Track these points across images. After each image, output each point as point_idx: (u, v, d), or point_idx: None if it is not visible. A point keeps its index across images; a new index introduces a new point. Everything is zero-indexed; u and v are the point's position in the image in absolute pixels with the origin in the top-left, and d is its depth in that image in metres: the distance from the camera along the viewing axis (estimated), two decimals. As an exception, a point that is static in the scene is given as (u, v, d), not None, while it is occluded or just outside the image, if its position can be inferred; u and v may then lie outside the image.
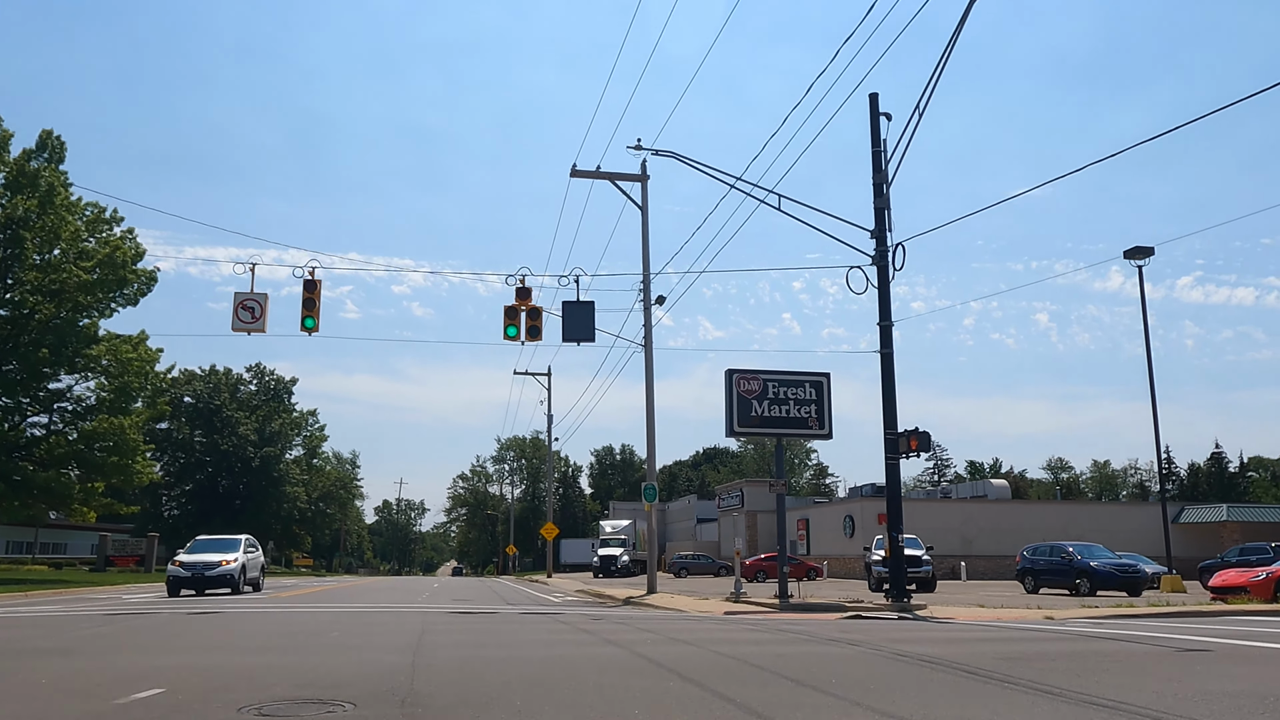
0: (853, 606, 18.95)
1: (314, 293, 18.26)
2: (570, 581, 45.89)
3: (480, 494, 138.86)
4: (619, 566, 60.46)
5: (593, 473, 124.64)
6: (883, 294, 20.08)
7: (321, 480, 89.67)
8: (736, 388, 21.32)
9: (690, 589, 34.55)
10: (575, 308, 19.20)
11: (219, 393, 76.10)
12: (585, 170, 27.06)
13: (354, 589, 33.10)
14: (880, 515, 52.06)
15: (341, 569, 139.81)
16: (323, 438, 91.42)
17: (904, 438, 19.07)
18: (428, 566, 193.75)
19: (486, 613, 16.72)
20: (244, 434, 74.19)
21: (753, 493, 61.66)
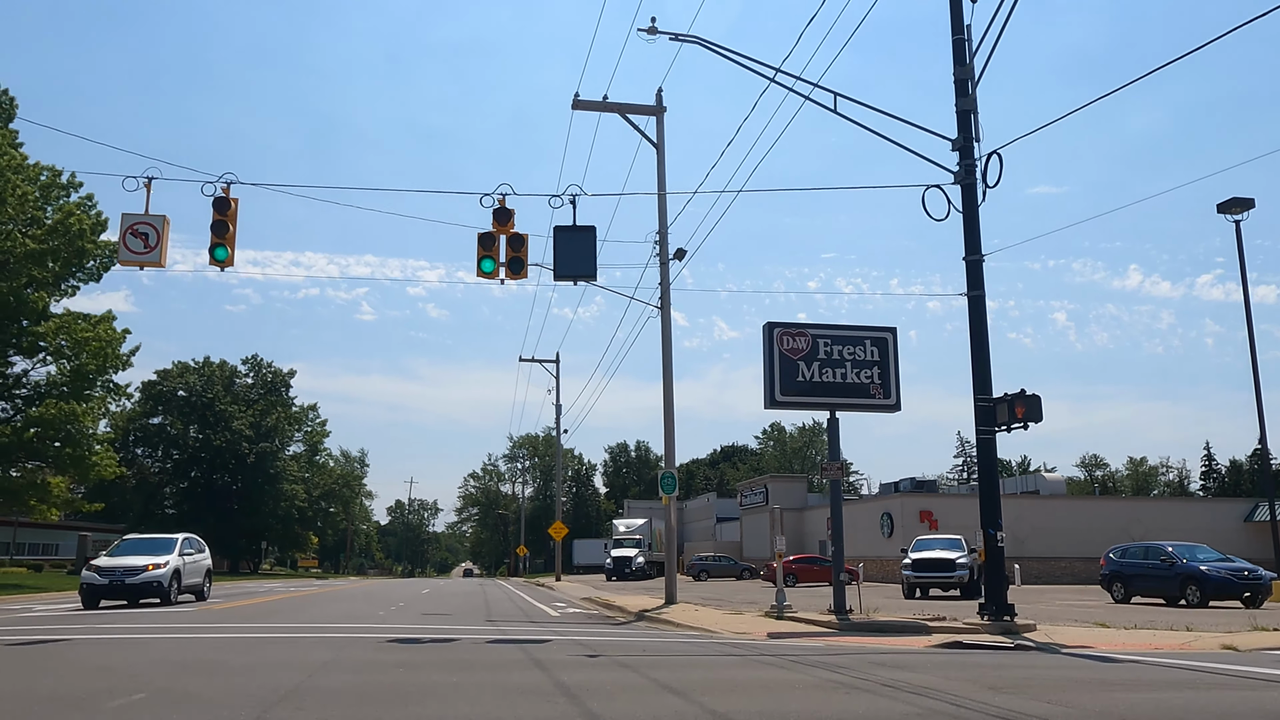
0: (937, 627, 14.35)
1: (227, 215, 13.86)
2: (579, 586, 41.43)
3: (492, 493, 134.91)
4: (633, 568, 55.97)
5: (607, 471, 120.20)
6: (969, 219, 15.49)
7: (323, 478, 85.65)
8: (779, 345, 16.79)
9: (714, 596, 30.00)
10: (571, 235, 14.64)
11: (212, 385, 72.20)
12: (590, 101, 22.56)
13: (324, 596, 28.75)
14: (923, 512, 47.22)
15: (351, 570, 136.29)
16: (324, 434, 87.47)
17: (1004, 404, 14.45)
18: (442, 567, 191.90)
19: (442, 640, 12.23)
20: (238, 428, 70.21)
21: (778, 489, 57.02)
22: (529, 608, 22.78)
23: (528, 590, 37.84)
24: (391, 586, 44.88)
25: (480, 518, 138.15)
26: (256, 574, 77.65)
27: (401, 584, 52.79)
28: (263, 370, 77.85)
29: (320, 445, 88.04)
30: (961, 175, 15.53)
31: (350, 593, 32.32)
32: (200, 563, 22.75)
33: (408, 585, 49.05)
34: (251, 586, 39.37)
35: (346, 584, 49.36)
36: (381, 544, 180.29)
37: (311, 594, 30.80)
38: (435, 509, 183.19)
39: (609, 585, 44.08)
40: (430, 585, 48.25)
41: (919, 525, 43.60)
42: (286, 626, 14.46)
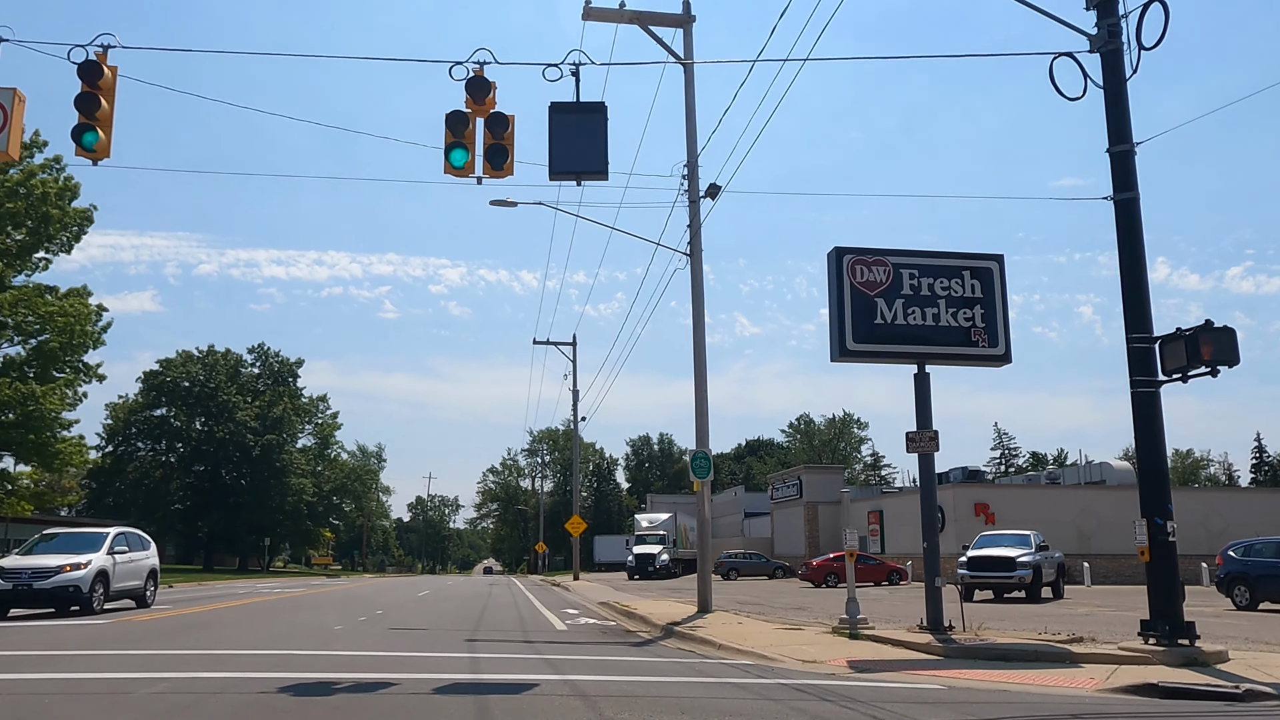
0: (1086, 654, 10.27)
1: (100, 87, 10.01)
2: (597, 587, 37.54)
3: (511, 489, 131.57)
4: (657, 567, 52.04)
5: (629, 464, 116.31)
6: (1114, 97, 11.33)
7: (335, 472, 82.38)
8: (850, 278, 12.73)
9: (751, 599, 26.00)
10: (574, 118, 10.68)
11: (215, 375, 69.01)
12: (604, 9, 18.56)
13: (300, 601, 24.98)
14: (978, 505, 42.80)
15: (371, 568, 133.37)
16: (335, 426, 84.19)
17: (1179, 343, 10.30)
18: (464, 564, 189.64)
19: (371, 687, 8.26)
20: (243, 420, 66.93)
21: (813, 481, 52.85)
22: (532, 617, 18.88)
23: (540, 592, 34.03)
24: (393, 587, 41.38)
25: (500, 514, 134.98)
26: (266, 572, 74.65)
27: (407, 583, 49.31)
28: (269, 360, 74.63)
29: (331, 438, 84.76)
30: (1102, 39, 11.36)
31: (335, 596, 28.56)
32: (140, 563, 19.01)
33: (411, 585, 45.51)
34: (236, 587, 35.78)
35: (347, 584, 45.79)
36: (403, 541, 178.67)
37: (288, 597, 27.05)
38: (456, 505, 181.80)
39: (630, 585, 40.21)
40: (437, 586, 44.62)
41: (973, 520, 39.33)
42: (180, 654, 10.59)
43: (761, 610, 20.14)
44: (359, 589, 36.04)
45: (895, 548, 45.26)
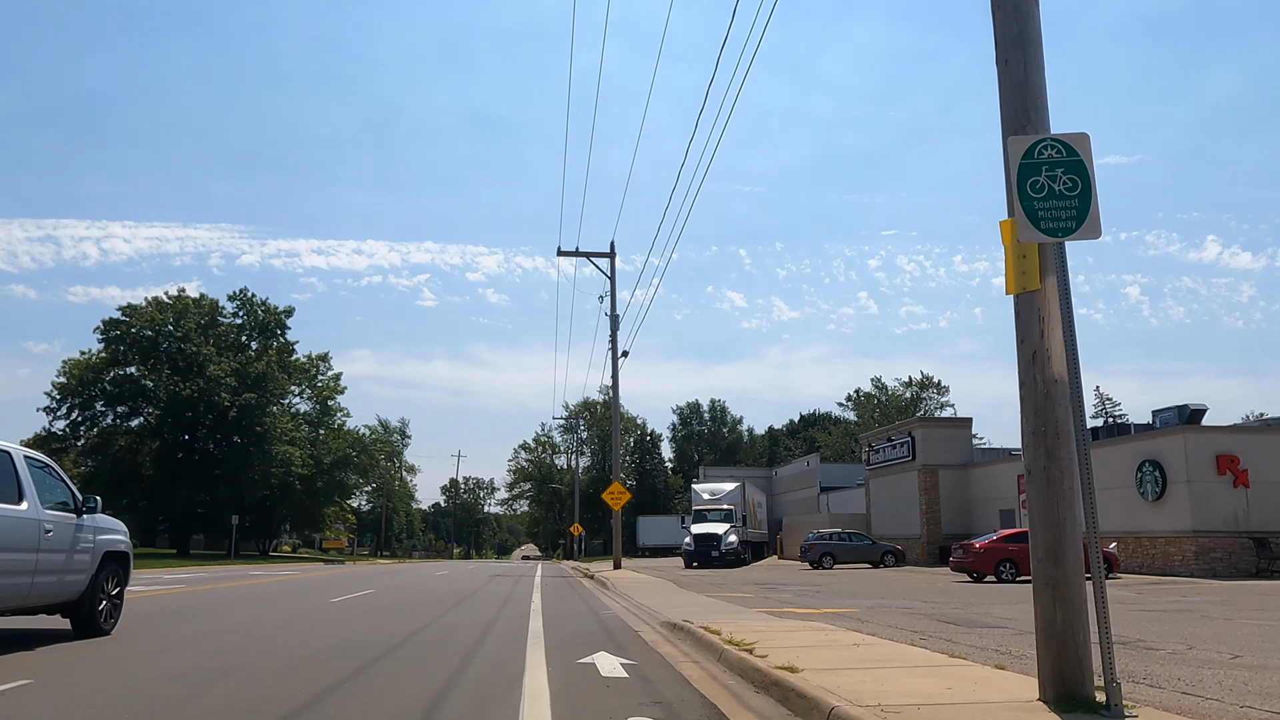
0: None
1: None
2: (648, 580, 25.15)
3: (545, 467, 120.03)
4: (723, 551, 39.67)
5: (675, 435, 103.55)
6: None
7: (338, 442, 70.96)
8: None
9: (900, 603, 13.54)
10: None
11: (184, 323, 57.76)
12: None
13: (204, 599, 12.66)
14: (1221, 458, 27.48)
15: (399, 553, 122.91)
16: (337, 389, 72.75)
17: None
18: (502, 549, 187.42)
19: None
20: (215, 375, 55.57)
21: (932, 439, 39.80)
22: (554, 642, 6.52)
23: (566, 590, 21.77)
24: (390, 574, 29.52)
25: (535, 495, 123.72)
26: (266, 557, 63.54)
27: (415, 570, 37.45)
28: (253, 308, 63.16)
29: (332, 403, 73.35)
30: None
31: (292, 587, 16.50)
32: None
33: (415, 572, 33.60)
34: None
35: (330, 571, 33.84)
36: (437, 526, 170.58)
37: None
38: (491, 488, 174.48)
39: (692, 578, 27.87)
40: (447, 572, 32.65)
41: (1216, 480, 26.13)
42: None
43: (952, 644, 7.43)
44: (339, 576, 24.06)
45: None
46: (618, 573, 30.72)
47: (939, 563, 38.30)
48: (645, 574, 30.33)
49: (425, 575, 30.55)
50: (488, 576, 29.60)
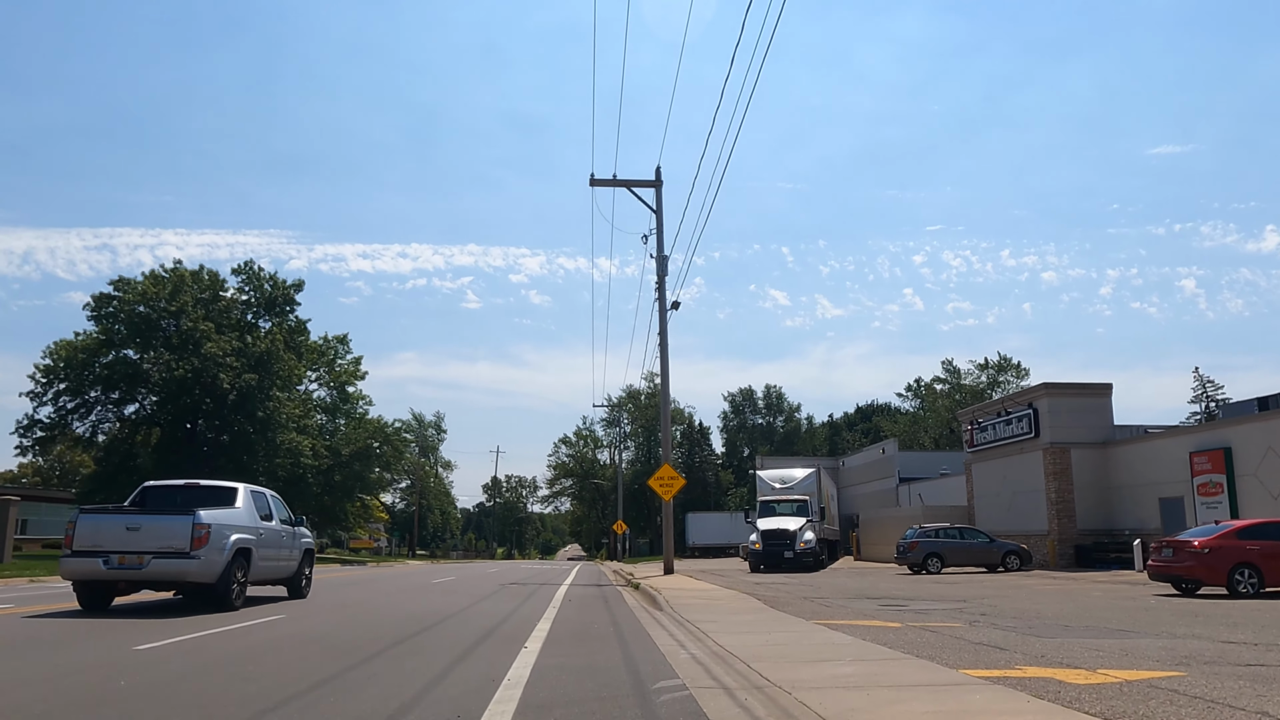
0: None
1: None
2: (714, 593, 17.74)
3: (587, 461, 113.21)
4: (797, 551, 32.23)
5: (727, 426, 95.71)
6: None
7: (358, 432, 64.60)
8: None
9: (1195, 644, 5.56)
10: None
11: (180, 296, 51.70)
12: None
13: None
14: None
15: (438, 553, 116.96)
16: (357, 374, 66.39)
17: None
18: (546, 549, 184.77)
19: None
20: (211, 353, 49.35)
21: (1062, 410, 31.63)
22: None
23: (596, 612, 14.47)
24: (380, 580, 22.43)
25: (576, 491, 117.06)
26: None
27: (420, 573, 30.49)
28: (260, 282, 56.92)
29: (352, 389, 67.01)
30: None
31: None
32: None
33: (413, 578, 26.58)
34: None
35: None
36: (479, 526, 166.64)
37: None
38: (534, 486, 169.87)
39: (768, 586, 20.50)
40: (452, 578, 25.55)
41: None
42: None
43: None
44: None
45: (1256, 509, 24.12)
46: (670, 579, 23.38)
47: (1074, 565, 30.34)
48: (706, 580, 22.98)
49: (416, 584, 23.46)
50: (497, 585, 22.39)
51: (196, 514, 13.10)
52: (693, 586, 20.07)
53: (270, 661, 7.96)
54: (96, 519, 13.26)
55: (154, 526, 13.03)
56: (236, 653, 8.57)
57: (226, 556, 13.30)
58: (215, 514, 13.52)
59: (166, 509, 13.75)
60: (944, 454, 60.78)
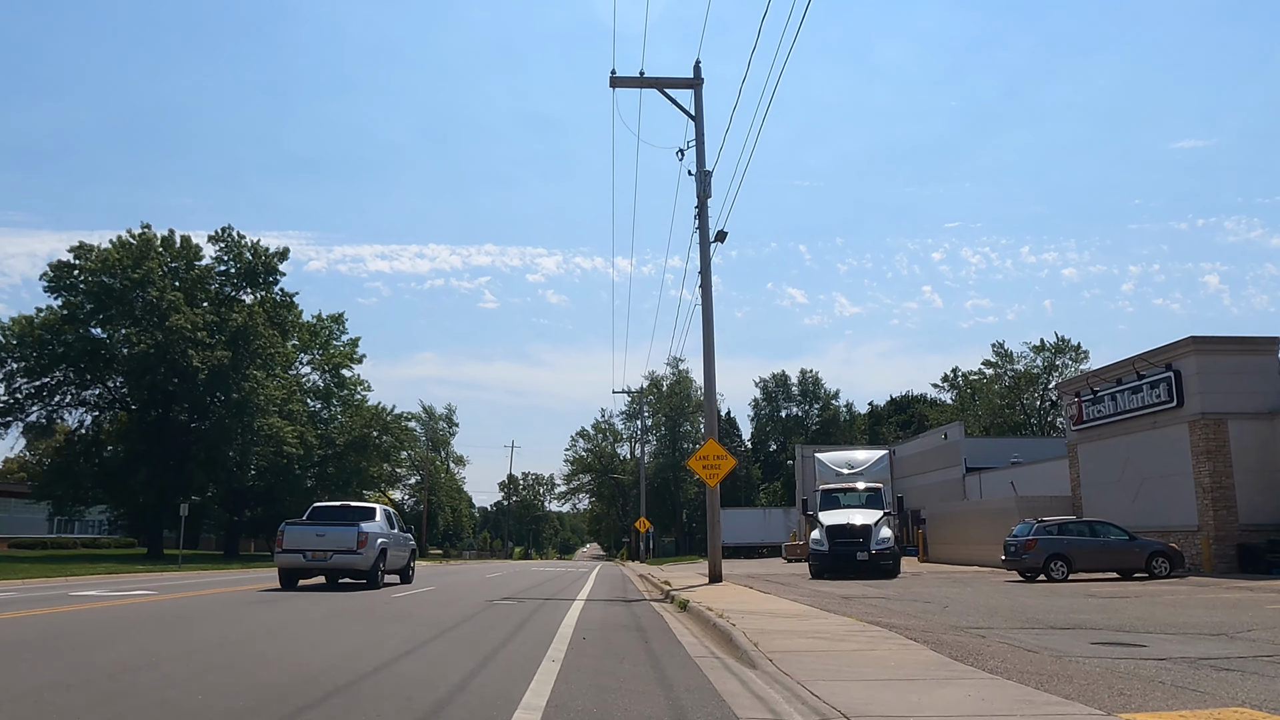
0: None
1: None
2: (793, 611, 10.98)
3: (606, 456, 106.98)
4: (873, 553, 25.67)
5: (758, 414, 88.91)
6: None
7: (354, 420, 58.52)
8: None
9: None
10: None
11: (145, 263, 45.65)
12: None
13: None
14: None
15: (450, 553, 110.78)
16: (353, 356, 60.33)
17: None
18: (565, 548, 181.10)
19: None
20: (178, 327, 43.25)
21: (1213, 369, 24.69)
22: None
23: (638, 663, 7.70)
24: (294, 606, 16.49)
25: (594, 488, 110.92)
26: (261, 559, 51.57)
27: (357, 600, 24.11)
28: (239, 249, 50.74)
29: (349, 373, 60.95)
30: None
31: None
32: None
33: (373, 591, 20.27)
34: None
35: (234, 588, 20.66)
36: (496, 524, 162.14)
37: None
38: (551, 484, 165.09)
39: (855, 600, 13.69)
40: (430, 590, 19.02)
41: None
42: None
43: None
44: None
45: None
46: (722, 591, 16.81)
47: (1237, 570, 23.49)
48: (771, 593, 16.39)
49: (363, 604, 16.99)
50: (483, 603, 15.72)
51: (359, 525, 19.22)
52: (766, 606, 13.52)
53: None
54: (298, 529, 19.27)
55: (333, 533, 19.04)
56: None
57: (376, 553, 19.31)
58: (368, 525, 19.46)
59: (337, 522, 19.50)
60: (1012, 440, 53.82)
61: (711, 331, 22.19)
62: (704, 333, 22.26)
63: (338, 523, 19.41)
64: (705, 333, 22.21)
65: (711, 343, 22.19)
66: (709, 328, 22.18)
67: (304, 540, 18.91)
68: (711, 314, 22.25)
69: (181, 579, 25.80)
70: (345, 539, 18.87)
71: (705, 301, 22.24)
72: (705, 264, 22.47)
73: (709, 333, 22.20)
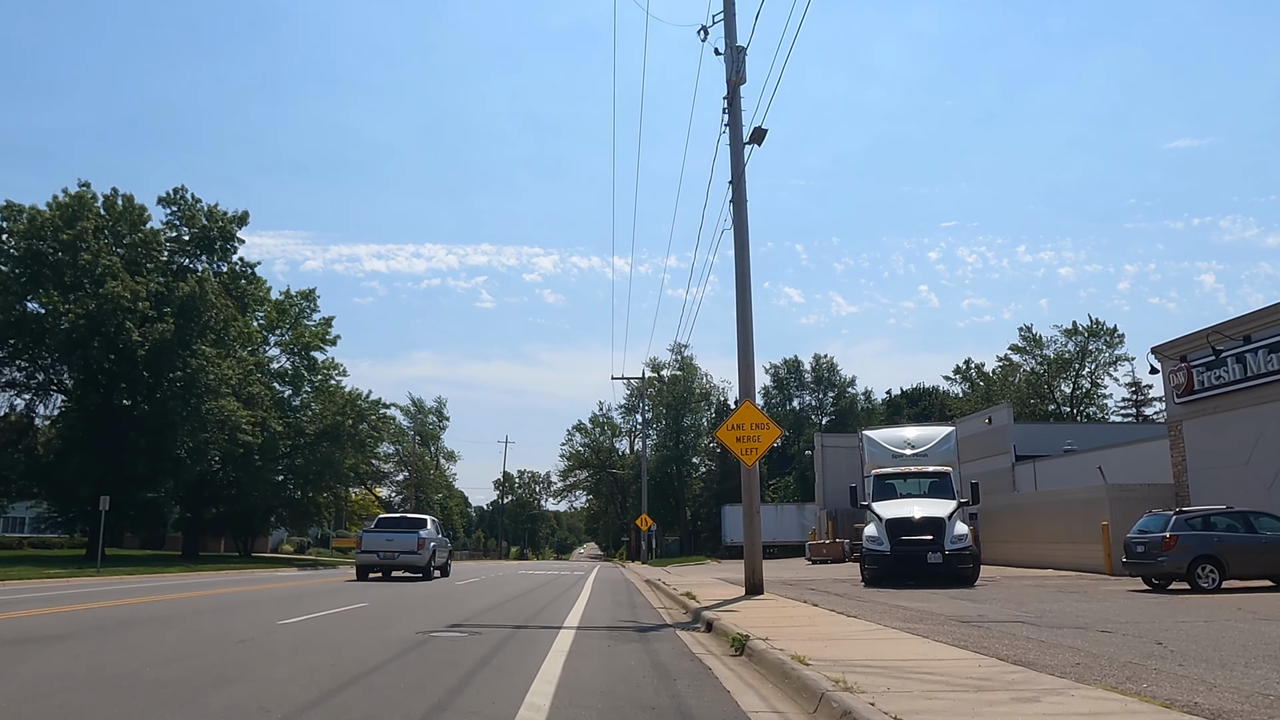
0: None
1: None
2: (911, 654, 5.14)
3: (604, 451, 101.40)
4: (947, 554, 19.98)
5: (769, 403, 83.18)
6: None
7: (326, 407, 52.83)
8: None
9: None
10: None
11: (77, 223, 39.95)
12: None
13: None
14: None
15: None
16: (326, 337, 54.67)
17: None
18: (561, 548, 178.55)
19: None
20: (113, 295, 37.50)
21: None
22: None
23: None
24: None
25: (592, 484, 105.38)
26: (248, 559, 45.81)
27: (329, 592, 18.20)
28: (193, 213, 44.94)
29: (323, 357, 55.31)
30: None
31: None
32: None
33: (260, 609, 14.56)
34: None
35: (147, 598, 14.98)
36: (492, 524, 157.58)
37: None
38: (547, 482, 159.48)
39: (978, 631, 7.55)
40: (344, 610, 13.33)
41: None
42: None
43: None
44: None
45: None
46: (769, 607, 11.13)
47: None
48: (847, 613, 10.77)
49: (213, 635, 11.33)
50: (408, 639, 10.04)
51: (419, 532, 25.72)
52: (862, 638, 7.91)
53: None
54: (373, 534, 25.69)
55: (400, 538, 25.36)
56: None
57: (430, 553, 25.78)
58: (424, 531, 25.93)
59: (401, 530, 25.87)
60: (1062, 426, 48.36)
61: (746, 255, 16.58)
62: (736, 258, 16.63)
63: (402, 530, 25.60)
64: (739, 257, 16.59)
65: (747, 269, 16.56)
66: (743, 250, 16.56)
67: (377, 544, 25.00)
68: (746, 232, 16.64)
69: (46, 590, 20.14)
70: (408, 543, 24.98)
71: (738, 217, 16.63)
72: (737, 170, 16.87)
73: (743, 257, 16.58)
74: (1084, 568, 25.37)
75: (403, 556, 24.73)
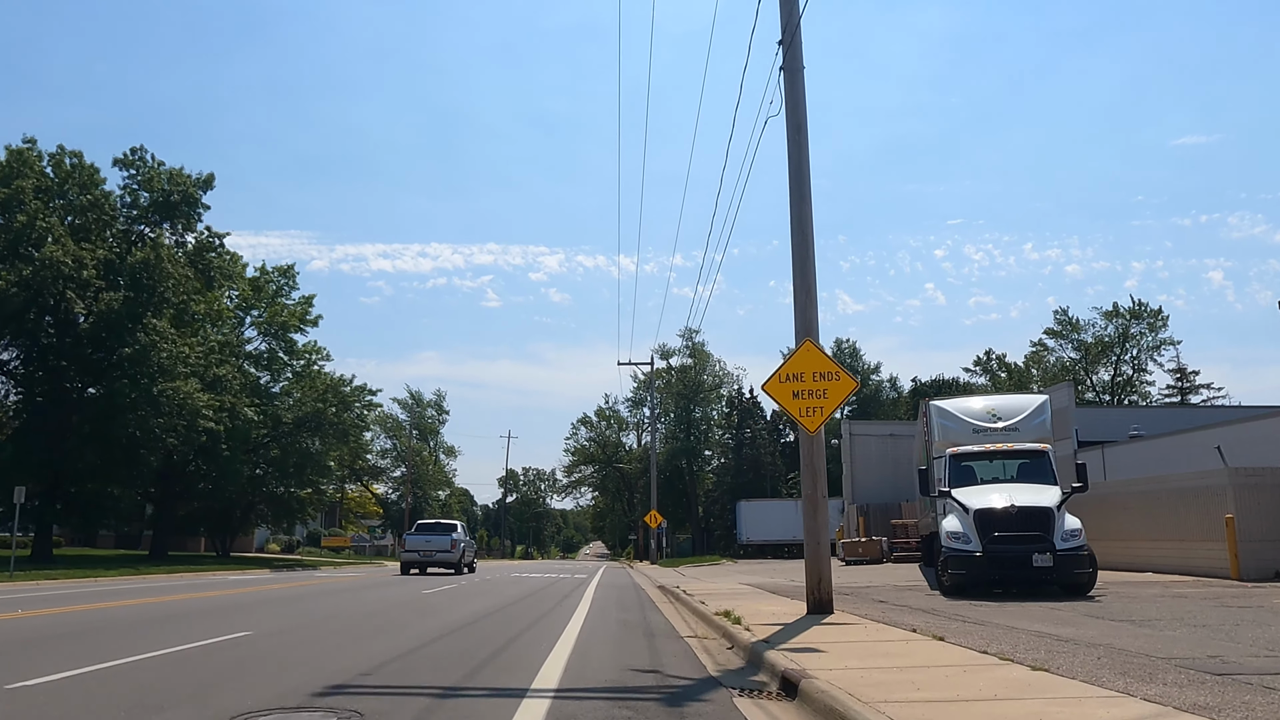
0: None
1: None
2: None
3: (610, 445, 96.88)
4: (1058, 557, 14.98)
5: (785, 392, 78.26)
6: None
7: (306, 393, 48.24)
8: None
9: None
10: None
11: (11, 182, 35.36)
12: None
13: None
14: None
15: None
16: (306, 317, 50.09)
17: None
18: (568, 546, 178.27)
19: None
20: (52, 260, 32.89)
21: None
22: None
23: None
24: None
25: (598, 481, 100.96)
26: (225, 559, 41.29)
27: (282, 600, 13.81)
28: (153, 175, 40.27)
29: (304, 340, 50.74)
30: None
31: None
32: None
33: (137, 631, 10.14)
34: None
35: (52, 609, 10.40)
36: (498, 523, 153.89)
37: None
38: (553, 479, 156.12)
39: None
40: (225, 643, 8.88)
41: None
42: None
43: None
44: None
45: None
46: (858, 637, 6.29)
47: None
48: (982, 650, 6.07)
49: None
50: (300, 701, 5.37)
51: (451, 534, 31.11)
52: (1052, 695, 3.11)
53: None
54: (415, 536, 31.58)
55: (436, 539, 30.89)
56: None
57: (461, 552, 31.04)
58: (455, 535, 31.20)
59: (437, 533, 31.41)
60: (1127, 411, 43.53)
61: (804, 137, 11.79)
62: (790, 142, 11.82)
63: (437, 534, 31.13)
64: (793, 142, 11.78)
65: (805, 157, 11.77)
66: (799, 132, 11.77)
67: (418, 544, 30.84)
68: (804, 108, 11.86)
69: None
70: (443, 544, 30.50)
71: (791, 86, 11.84)
72: (790, 21, 12.09)
73: (800, 141, 11.78)
74: (1197, 571, 20.56)
75: (438, 555, 30.30)
